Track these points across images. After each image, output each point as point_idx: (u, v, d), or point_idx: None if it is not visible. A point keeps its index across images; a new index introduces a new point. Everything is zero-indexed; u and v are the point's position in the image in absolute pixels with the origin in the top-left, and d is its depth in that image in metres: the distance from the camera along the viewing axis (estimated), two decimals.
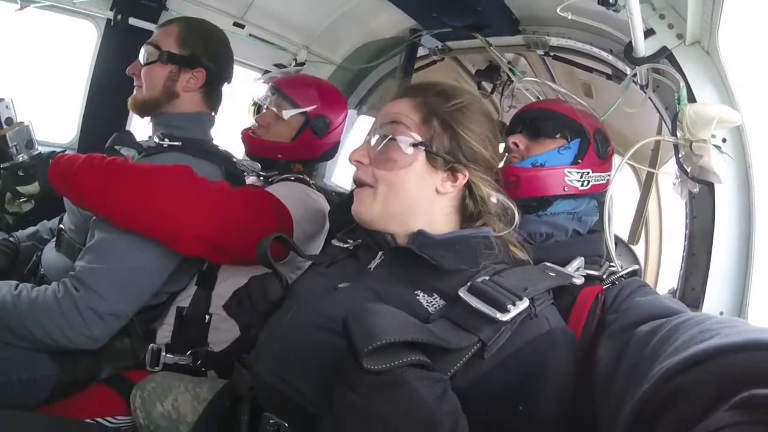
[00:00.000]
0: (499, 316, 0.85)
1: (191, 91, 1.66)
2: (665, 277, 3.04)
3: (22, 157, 1.60)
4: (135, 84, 1.68)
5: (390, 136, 1.08)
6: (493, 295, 0.88)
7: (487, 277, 0.96)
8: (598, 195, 1.46)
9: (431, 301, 0.98)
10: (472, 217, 1.12)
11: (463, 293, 0.91)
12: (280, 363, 1.01)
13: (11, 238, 1.80)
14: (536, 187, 1.41)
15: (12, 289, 1.38)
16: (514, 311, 0.86)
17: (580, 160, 1.44)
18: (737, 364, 0.57)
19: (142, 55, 1.64)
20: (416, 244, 1.04)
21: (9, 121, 1.59)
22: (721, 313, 1.46)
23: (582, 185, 1.42)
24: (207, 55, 1.66)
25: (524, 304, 0.88)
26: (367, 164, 1.11)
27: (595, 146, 1.45)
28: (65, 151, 1.56)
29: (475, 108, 1.14)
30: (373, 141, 1.10)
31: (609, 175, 1.49)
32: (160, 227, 1.39)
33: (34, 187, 1.61)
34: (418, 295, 0.99)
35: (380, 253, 1.12)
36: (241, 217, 1.47)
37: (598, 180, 1.45)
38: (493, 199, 1.13)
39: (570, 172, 1.41)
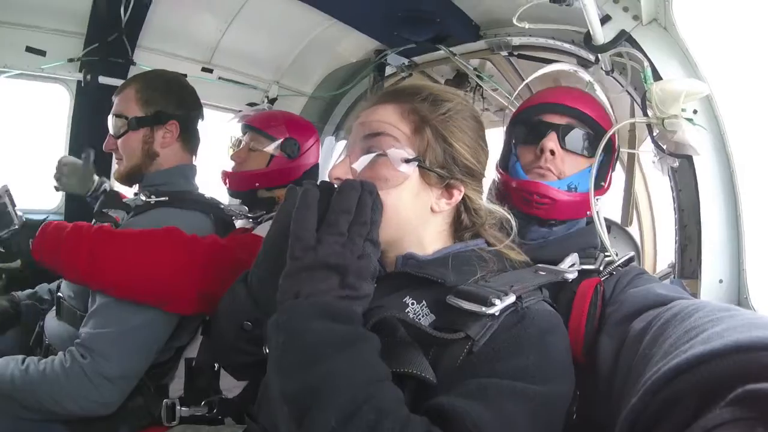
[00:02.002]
0: (484, 309, 0.83)
1: (170, 145, 1.66)
2: (663, 252, 3.05)
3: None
4: (115, 158, 1.68)
5: (379, 152, 0.96)
6: (479, 293, 0.86)
7: (473, 280, 0.94)
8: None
9: (417, 311, 0.93)
10: (466, 229, 1.05)
11: (450, 300, 0.89)
12: None
13: (13, 297, 1.79)
14: (567, 213, 1.31)
15: (19, 365, 1.36)
16: (499, 305, 0.84)
17: (603, 183, 1.36)
18: (723, 369, 0.57)
19: (112, 128, 1.63)
20: (409, 266, 0.98)
21: None
22: (721, 281, 1.48)
23: (596, 207, 1.31)
24: (173, 105, 1.65)
25: (510, 299, 0.85)
26: None
27: (615, 163, 1.40)
28: (47, 218, 1.53)
29: (467, 114, 1.04)
30: (358, 155, 0.99)
31: (613, 171, 1.43)
32: (156, 294, 1.38)
33: (16, 264, 1.58)
34: (406, 300, 0.95)
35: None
36: (238, 263, 1.46)
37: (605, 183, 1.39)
38: (488, 211, 1.07)
39: (597, 199, 1.30)
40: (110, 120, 1.63)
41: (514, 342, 0.83)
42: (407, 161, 0.95)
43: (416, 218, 0.99)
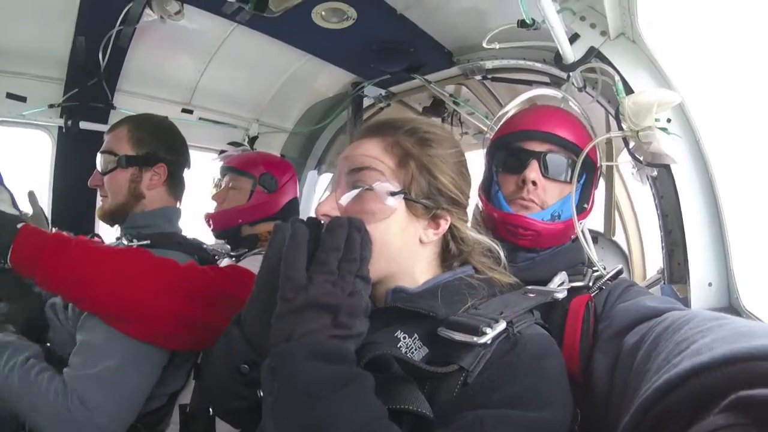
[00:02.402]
0: (476, 339, 0.83)
1: (156, 188, 1.65)
2: (652, 259, 3.07)
3: None
4: (99, 195, 1.66)
5: (366, 186, 0.96)
6: (470, 323, 0.86)
7: (463, 310, 0.94)
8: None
9: (410, 344, 0.92)
10: (454, 258, 1.05)
11: (441, 332, 0.88)
12: None
13: None
14: (552, 242, 1.31)
15: (21, 365, 1.32)
16: (491, 333, 0.83)
17: (586, 205, 1.36)
18: (713, 382, 0.58)
19: (100, 164, 1.63)
20: (399, 300, 0.97)
21: None
22: (710, 285, 1.50)
23: (581, 227, 1.33)
24: (163, 149, 1.66)
25: (501, 326, 0.85)
26: None
27: (597, 180, 1.40)
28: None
29: (449, 145, 1.04)
30: (344, 190, 0.98)
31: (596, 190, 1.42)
32: (130, 308, 1.35)
33: None
34: (398, 334, 0.93)
35: None
36: (217, 287, 1.45)
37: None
38: (475, 241, 1.06)
39: (580, 223, 1.32)
40: (98, 157, 1.63)
41: (507, 370, 0.83)
42: (393, 194, 0.95)
43: (406, 250, 0.99)
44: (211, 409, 1.46)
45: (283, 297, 0.80)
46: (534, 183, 1.27)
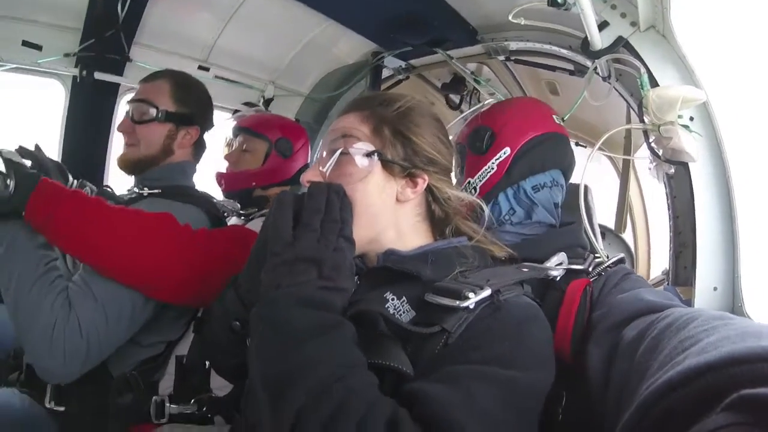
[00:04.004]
0: (458, 303, 0.87)
1: (185, 147, 1.70)
2: (657, 259, 3.05)
3: None
4: (126, 142, 1.66)
5: (341, 150, 1.03)
6: (455, 288, 0.90)
7: (451, 276, 0.98)
8: (501, 185, 1.39)
9: (398, 306, 0.96)
10: (442, 222, 1.10)
11: (428, 297, 0.92)
12: None
13: None
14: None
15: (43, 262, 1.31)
16: (474, 298, 0.87)
17: (460, 177, 1.43)
18: (717, 381, 0.57)
19: (135, 112, 1.63)
20: (390, 261, 1.02)
21: None
22: (715, 289, 1.48)
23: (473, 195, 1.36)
24: (200, 112, 1.71)
25: (486, 292, 0.89)
26: None
27: (471, 147, 1.41)
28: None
29: (423, 111, 1.12)
30: (326, 159, 1.06)
31: (497, 159, 1.39)
32: (139, 276, 1.35)
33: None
34: (387, 295, 0.97)
35: (356, 277, 1.06)
36: (226, 255, 1.45)
37: (483, 177, 1.40)
38: (457, 198, 1.11)
39: (476, 180, 1.39)
40: (133, 105, 1.64)
41: (488, 331, 0.87)
42: (368, 155, 1.03)
43: (385, 210, 1.05)
44: (207, 363, 1.51)
45: (273, 252, 0.88)
46: None
